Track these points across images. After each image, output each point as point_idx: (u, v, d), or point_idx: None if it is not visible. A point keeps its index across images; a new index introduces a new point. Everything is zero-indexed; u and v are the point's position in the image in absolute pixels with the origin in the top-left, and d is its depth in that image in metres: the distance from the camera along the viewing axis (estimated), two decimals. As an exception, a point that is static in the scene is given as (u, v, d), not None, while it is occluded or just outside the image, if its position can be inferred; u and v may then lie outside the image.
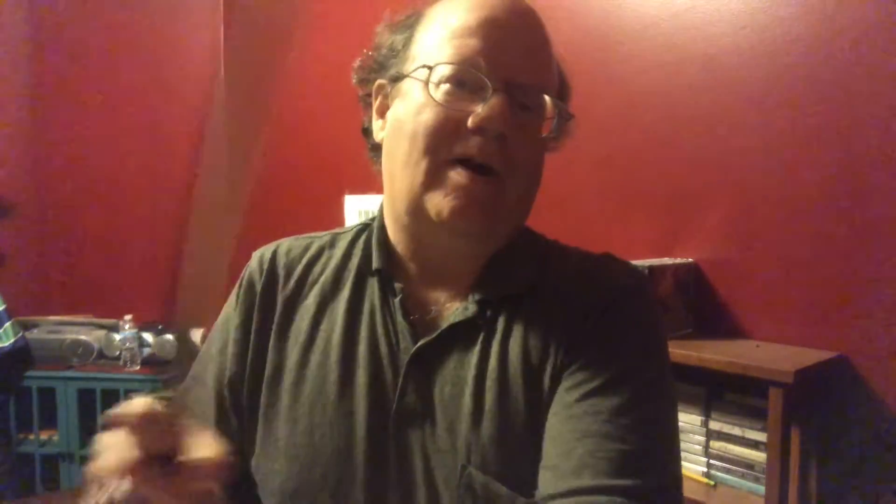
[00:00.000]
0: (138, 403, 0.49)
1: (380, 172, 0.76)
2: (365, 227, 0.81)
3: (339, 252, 0.79)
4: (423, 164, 0.66)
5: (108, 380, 2.69)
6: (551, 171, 0.76)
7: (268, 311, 0.76)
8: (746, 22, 1.60)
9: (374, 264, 0.74)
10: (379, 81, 0.74)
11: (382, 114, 0.74)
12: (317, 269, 0.78)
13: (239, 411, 0.74)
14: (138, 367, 2.73)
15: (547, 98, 0.70)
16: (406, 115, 0.68)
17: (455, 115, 0.65)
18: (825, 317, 1.49)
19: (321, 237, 0.82)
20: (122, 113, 3.10)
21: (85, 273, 3.10)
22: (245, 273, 0.80)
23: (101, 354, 2.78)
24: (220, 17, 3.28)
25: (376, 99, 0.74)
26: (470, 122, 0.65)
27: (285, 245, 0.82)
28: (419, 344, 0.69)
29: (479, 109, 0.65)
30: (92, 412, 2.60)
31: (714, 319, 1.65)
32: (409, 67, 0.70)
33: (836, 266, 1.45)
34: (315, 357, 0.72)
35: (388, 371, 0.70)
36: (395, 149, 0.70)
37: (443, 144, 0.65)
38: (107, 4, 3.06)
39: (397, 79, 0.71)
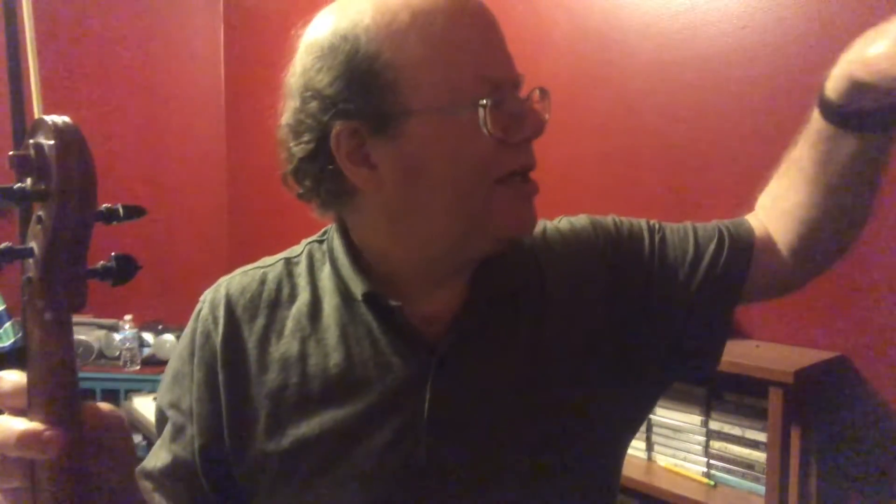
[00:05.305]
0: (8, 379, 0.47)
1: (331, 218, 0.72)
2: (312, 251, 0.76)
3: (301, 281, 0.73)
4: (483, 191, 0.63)
5: (108, 380, 2.69)
6: (551, 170, 0.76)
7: (236, 362, 0.69)
8: (746, 22, 1.60)
9: (362, 289, 0.68)
10: (342, 124, 0.62)
11: (359, 160, 0.63)
12: (283, 303, 0.72)
13: (213, 473, 0.70)
14: (138, 367, 2.73)
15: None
16: (444, 151, 0.62)
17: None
18: (825, 317, 1.49)
19: (272, 266, 0.75)
20: (120, 113, 3.10)
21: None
22: (197, 325, 0.72)
23: (101, 354, 2.78)
24: (220, 17, 3.28)
25: (339, 145, 0.63)
26: (521, 135, 0.64)
27: (236, 284, 0.73)
28: (441, 351, 0.68)
29: (526, 124, 0.64)
30: (92, 412, 2.59)
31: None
32: (413, 102, 0.61)
33: (836, 266, 1.45)
34: (315, 394, 0.68)
35: (409, 386, 0.67)
36: (424, 188, 0.63)
37: (498, 166, 0.64)
38: (106, 4, 3.06)
39: (390, 118, 0.61)
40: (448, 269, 0.69)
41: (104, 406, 0.49)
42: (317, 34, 0.64)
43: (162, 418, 0.73)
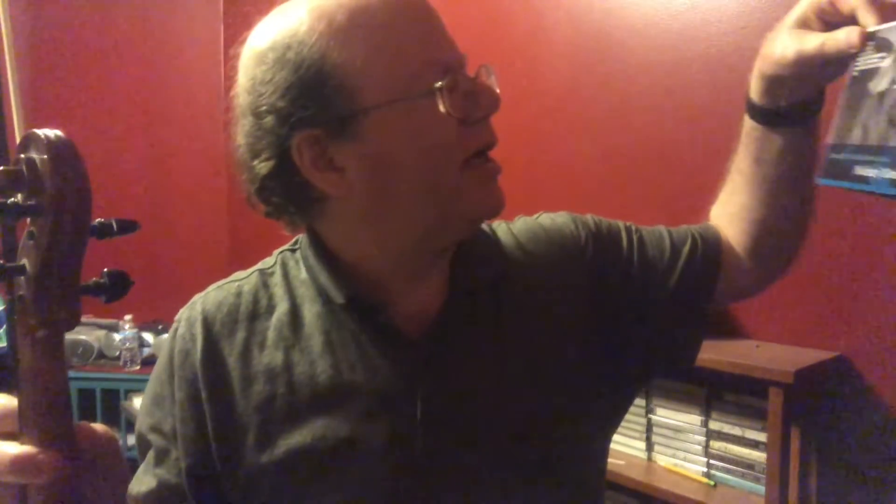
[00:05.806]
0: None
1: (301, 229, 0.72)
2: (286, 261, 0.75)
3: (278, 291, 0.72)
4: (451, 174, 0.63)
5: (107, 380, 2.69)
6: (552, 169, 0.76)
7: (218, 377, 0.68)
8: (746, 22, 1.60)
9: (343, 293, 0.67)
10: (302, 135, 0.61)
11: (324, 167, 0.63)
12: (261, 314, 0.71)
13: (202, 493, 0.68)
14: (138, 367, 2.73)
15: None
16: (407, 142, 0.62)
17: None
18: (825, 317, 1.49)
19: (247, 279, 0.74)
20: (120, 113, 3.10)
21: (84, 273, 3.09)
22: (175, 344, 0.71)
23: (100, 354, 2.78)
24: (219, 18, 3.28)
25: (301, 155, 0.62)
26: (480, 112, 0.64)
27: (211, 299, 0.72)
28: (426, 349, 0.68)
29: (482, 100, 0.64)
30: (92, 412, 2.60)
31: (714, 320, 1.65)
32: (367, 99, 0.61)
33: (835, 266, 1.45)
34: (304, 402, 0.67)
35: (399, 387, 0.67)
36: (394, 182, 0.64)
37: (463, 147, 0.64)
38: (106, 4, 3.06)
39: (348, 119, 0.61)
40: (425, 261, 0.69)
41: (98, 427, 0.48)
42: (258, 48, 0.64)
43: (143, 443, 0.72)
